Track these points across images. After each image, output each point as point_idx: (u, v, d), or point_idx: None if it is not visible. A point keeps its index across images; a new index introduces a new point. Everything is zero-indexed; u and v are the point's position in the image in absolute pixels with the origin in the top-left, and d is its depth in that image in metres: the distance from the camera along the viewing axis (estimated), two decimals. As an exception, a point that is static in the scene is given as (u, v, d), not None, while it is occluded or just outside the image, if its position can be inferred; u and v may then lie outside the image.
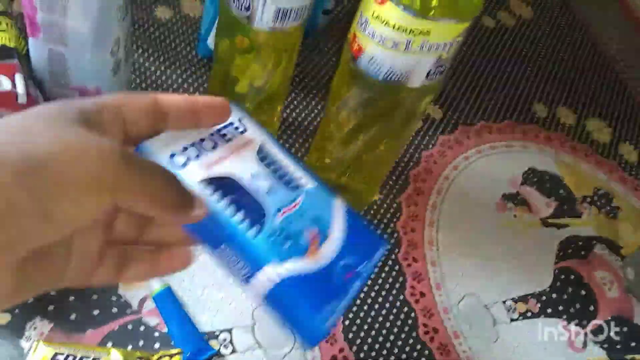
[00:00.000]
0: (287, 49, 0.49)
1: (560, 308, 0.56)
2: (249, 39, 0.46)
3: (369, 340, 0.49)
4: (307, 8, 0.44)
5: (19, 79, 0.42)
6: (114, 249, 0.27)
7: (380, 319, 0.50)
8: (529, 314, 0.55)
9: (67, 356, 0.40)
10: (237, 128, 0.38)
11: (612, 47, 0.90)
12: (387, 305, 0.51)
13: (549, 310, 0.56)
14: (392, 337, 0.50)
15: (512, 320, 0.54)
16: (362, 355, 0.48)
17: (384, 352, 0.49)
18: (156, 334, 0.44)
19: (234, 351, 0.45)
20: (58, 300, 0.44)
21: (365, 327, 0.49)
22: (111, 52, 0.46)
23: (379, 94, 0.45)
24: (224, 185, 0.35)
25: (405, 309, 0.52)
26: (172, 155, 0.34)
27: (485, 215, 0.61)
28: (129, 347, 0.43)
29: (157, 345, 0.44)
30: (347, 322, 0.49)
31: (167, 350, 0.43)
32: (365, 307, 0.50)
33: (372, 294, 0.51)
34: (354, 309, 0.50)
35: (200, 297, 0.47)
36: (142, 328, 0.44)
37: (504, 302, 0.55)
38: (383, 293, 0.52)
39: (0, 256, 0.20)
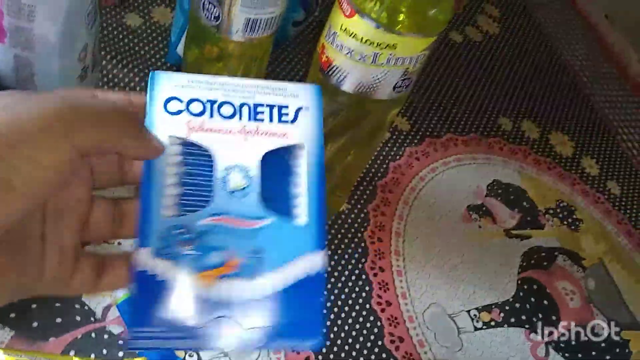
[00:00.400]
0: (256, 59, 0.49)
1: (524, 317, 0.57)
2: (218, 48, 0.47)
3: (335, 348, 0.49)
4: (277, 19, 0.45)
5: (-17, 84, 0.42)
6: (90, 258, 0.26)
7: (347, 327, 0.51)
8: (492, 323, 0.56)
9: (28, 365, 0.39)
10: (284, 114, 0.33)
11: (577, 63, 0.93)
12: (353, 314, 0.52)
13: (512, 320, 0.57)
14: (357, 346, 0.50)
15: (476, 329, 0.55)
16: (327, 364, 0.48)
17: (350, 361, 0.49)
18: (120, 342, 0.44)
19: (199, 359, 0.45)
20: (19, 308, 0.43)
21: (332, 335, 0.50)
22: (79, 59, 0.46)
23: (347, 105, 0.46)
24: (195, 155, 0.31)
25: (371, 318, 0.52)
26: (170, 99, 0.31)
27: (451, 226, 0.62)
28: (92, 356, 0.43)
29: (120, 354, 0.43)
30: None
31: (131, 359, 0.43)
32: (332, 316, 0.51)
33: (339, 303, 0.52)
34: (320, 318, 0.50)
35: (165, 306, 0.47)
36: (105, 336, 0.44)
37: (468, 311, 0.56)
38: (349, 302, 0.52)
39: None
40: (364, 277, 0.54)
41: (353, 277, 0.54)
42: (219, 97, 0.31)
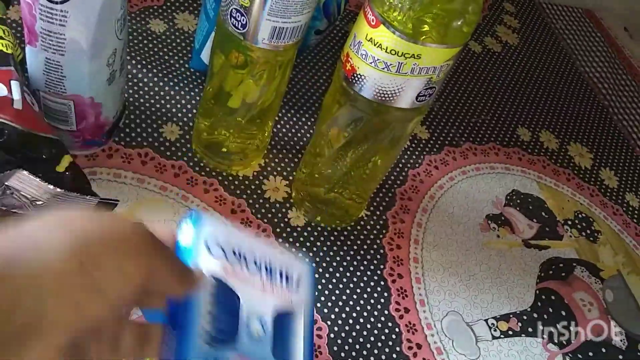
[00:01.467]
0: (281, 66, 0.50)
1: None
2: (244, 55, 0.47)
3: (354, 353, 0.49)
4: (302, 27, 0.46)
5: (15, 85, 0.43)
6: None
7: (365, 332, 0.51)
8: (510, 332, 0.56)
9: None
10: (289, 281, 0.39)
11: (595, 75, 0.93)
12: (372, 319, 0.52)
13: (530, 330, 0.57)
14: (376, 351, 0.50)
15: (494, 337, 0.55)
16: (345, 369, 0.49)
17: (367, 366, 0.49)
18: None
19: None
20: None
21: (350, 340, 0.50)
22: (107, 63, 0.46)
23: (369, 113, 0.46)
24: (227, 296, 0.36)
25: (390, 324, 0.52)
26: (212, 241, 0.36)
27: (469, 234, 0.62)
28: None
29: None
30: (332, 335, 0.50)
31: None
32: (350, 321, 0.51)
33: (358, 308, 0.52)
34: (339, 322, 0.51)
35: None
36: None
37: (486, 320, 0.56)
38: (368, 307, 0.53)
39: (57, 336, 0.22)
40: (382, 283, 0.55)
41: (372, 283, 0.54)
42: (246, 251, 0.37)
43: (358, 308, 0.52)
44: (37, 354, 0.21)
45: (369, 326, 0.52)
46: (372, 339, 0.51)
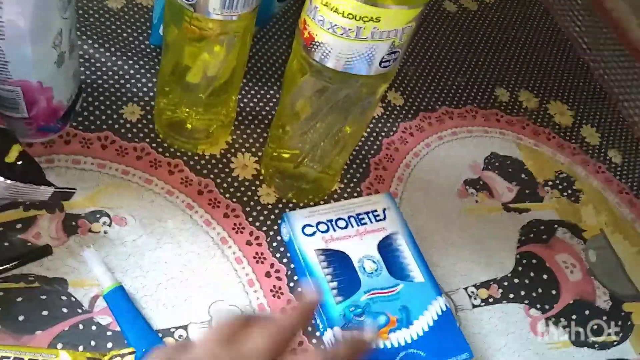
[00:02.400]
0: (238, 36, 0.47)
1: (522, 293, 0.56)
2: (198, 28, 0.45)
3: (329, 332, 0.48)
4: (256, -6, 0.43)
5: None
6: None
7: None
8: (490, 300, 0.55)
9: (14, 359, 0.39)
10: (377, 216, 0.51)
11: (575, 30, 0.90)
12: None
13: (511, 296, 0.56)
14: (352, 329, 0.49)
15: (474, 306, 0.54)
16: (322, 348, 0.47)
17: (345, 343, 0.48)
18: (109, 333, 0.43)
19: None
20: (4, 302, 0.42)
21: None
22: (53, 45, 0.44)
23: (333, 82, 0.44)
24: (336, 256, 0.48)
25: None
26: (304, 226, 0.49)
27: (447, 201, 0.61)
28: (80, 348, 0.42)
29: (109, 345, 0.43)
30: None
31: (119, 350, 0.42)
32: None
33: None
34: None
35: (154, 294, 0.46)
36: (93, 327, 0.43)
37: (466, 288, 0.55)
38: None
39: None
40: (358, 257, 0.53)
41: (347, 258, 0.53)
42: (333, 217, 0.50)
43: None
44: None
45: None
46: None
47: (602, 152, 0.73)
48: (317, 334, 0.48)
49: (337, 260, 0.48)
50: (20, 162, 0.43)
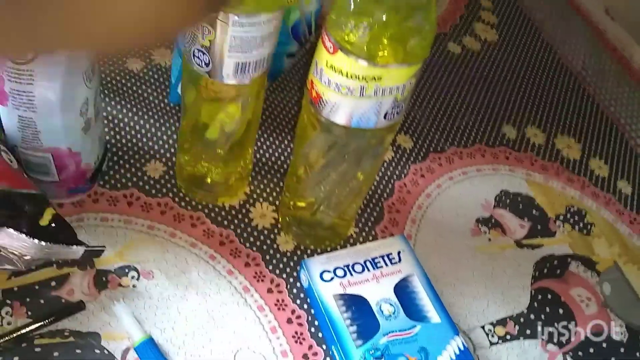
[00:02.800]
0: (252, 96, 0.50)
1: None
2: (213, 91, 0.48)
3: None
4: (266, 59, 0.46)
5: (-9, 145, 0.44)
6: None
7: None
8: (508, 337, 0.56)
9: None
10: (392, 259, 0.53)
11: (579, 63, 0.93)
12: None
13: (528, 332, 0.57)
14: None
15: (491, 344, 0.55)
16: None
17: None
18: (139, 385, 0.45)
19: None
20: (42, 356, 0.45)
21: None
22: (80, 113, 0.47)
23: (341, 136, 0.47)
24: (354, 301, 0.50)
25: (385, 341, 0.53)
26: (322, 272, 0.51)
27: (460, 241, 0.62)
28: (113, 401, 0.44)
29: (141, 397, 0.45)
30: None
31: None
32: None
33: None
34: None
35: (182, 345, 0.48)
36: (125, 380, 0.45)
37: (483, 326, 0.56)
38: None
39: None
40: (375, 300, 0.55)
41: (365, 301, 0.55)
42: (350, 262, 0.52)
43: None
44: None
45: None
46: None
47: (612, 184, 0.75)
48: (339, 377, 0.49)
49: (356, 305, 0.50)
50: (53, 224, 0.46)
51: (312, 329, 0.51)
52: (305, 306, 0.53)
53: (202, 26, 0.43)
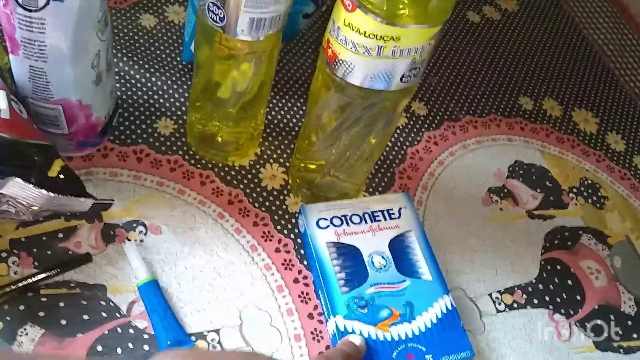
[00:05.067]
0: (265, 54, 0.50)
1: (547, 298, 0.57)
2: (227, 47, 0.47)
3: (356, 337, 0.50)
4: (282, 16, 0.45)
5: (1, 94, 0.43)
6: None
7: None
8: (515, 305, 0.56)
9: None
10: (391, 215, 0.53)
11: (600, 37, 0.91)
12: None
13: (535, 301, 0.57)
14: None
15: (498, 311, 0.55)
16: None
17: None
18: (145, 336, 0.46)
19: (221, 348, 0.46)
20: (48, 307, 0.45)
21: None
22: (92, 66, 0.47)
23: (356, 97, 0.46)
24: (347, 250, 0.50)
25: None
26: (319, 220, 0.51)
27: (472, 209, 0.62)
28: (119, 350, 0.44)
29: (146, 347, 0.45)
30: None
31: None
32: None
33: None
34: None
35: (187, 299, 0.48)
36: (131, 331, 0.46)
37: (490, 294, 0.56)
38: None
39: None
40: (383, 265, 0.55)
41: (372, 266, 0.54)
42: (348, 213, 0.52)
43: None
44: None
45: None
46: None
47: (628, 159, 0.74)
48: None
49: (348, 254, 0.50)
50: (62, 176, 0.46)
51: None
52: (313, 268, 0.53)
53: (217, -22, 0.42)
